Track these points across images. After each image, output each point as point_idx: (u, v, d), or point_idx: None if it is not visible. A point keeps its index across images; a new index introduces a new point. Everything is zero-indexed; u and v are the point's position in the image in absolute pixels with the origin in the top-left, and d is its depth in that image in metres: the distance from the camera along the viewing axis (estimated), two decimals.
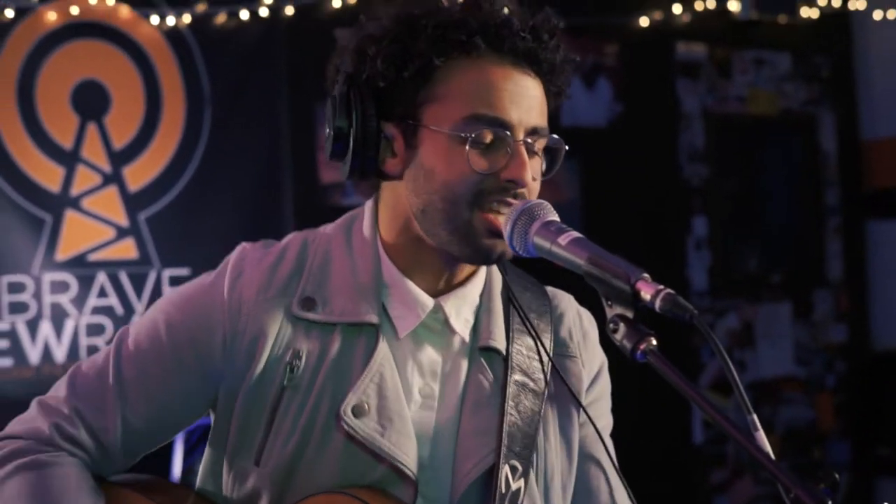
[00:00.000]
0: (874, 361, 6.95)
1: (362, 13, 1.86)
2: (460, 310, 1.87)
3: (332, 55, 1.88)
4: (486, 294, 1.90)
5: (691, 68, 6.40)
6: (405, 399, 1.80)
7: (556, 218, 1.70)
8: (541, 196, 1.80)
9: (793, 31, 6.61)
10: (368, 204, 1.90)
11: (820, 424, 6.83)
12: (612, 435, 2.00)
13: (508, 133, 1.74)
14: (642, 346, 1.49)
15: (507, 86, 1.76)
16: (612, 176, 5.90)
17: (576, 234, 1.66)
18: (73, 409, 1.82)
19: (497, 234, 1.74)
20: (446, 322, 1.86)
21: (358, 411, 1.76)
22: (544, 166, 1.84)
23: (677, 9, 6.21)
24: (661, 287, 1.49)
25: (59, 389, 1.86)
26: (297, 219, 5.03)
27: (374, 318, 1.80)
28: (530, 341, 1.91)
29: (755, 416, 1.43)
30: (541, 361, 1.90)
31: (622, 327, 1.52)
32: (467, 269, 1.88)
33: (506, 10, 1.79)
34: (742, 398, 1.42)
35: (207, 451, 1.90)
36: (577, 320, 2.00)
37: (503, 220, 1.73)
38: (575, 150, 1.86)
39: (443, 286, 1.86)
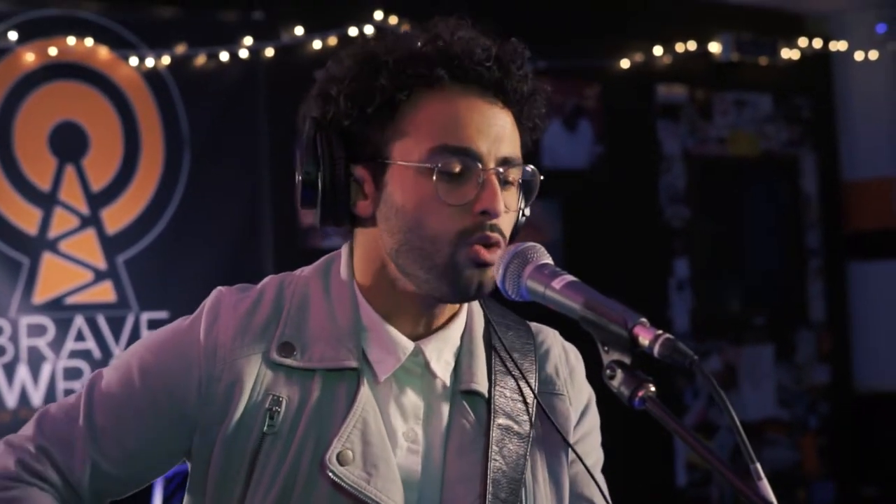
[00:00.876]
0: (857, 402, 6.96)
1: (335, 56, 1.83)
2: (441, 353, 1.83)
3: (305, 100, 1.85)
4: (467, 335, 1.87)
5: (672, 110, 6.42)
6: (390, 444, 1.76)
7: (549, 261, 1.67)
8: (521, 238, 1.76)
9: (774, 73, 6.65)
10: (344, 247, 1.87)
11: (804, 466, 6.82)
12: (602, 471, 1.96)
13: (478, 163, 1.71)
14: (640, 393, 1.46)
15: (473, 116, 1.72)
16: (593, 218, 5.90)
17: (570, 277, 1.62)
18: (39, 448, 1.78)
19: (481, 264, 1.71)
20: (427, 366, 1.82)
21: (343, 459, 1.72)
22: (522, 201, 1.80)
23: (658, 51, 6.24)
24: (660, 332, 1.45)
25: (26, 429, 1.83)
26: (277, 261, 5.01)
27: (353, 363, 1.76)
28: (514, 383, 1.87)
29: (759, 465, 1.39)
30: (525, 403, 1.86)
31: (619, 373, 1.48)
32: (447, 312, 1.84)
33: (470, 41, 1.75)
34: (746, 447, 1.39)
35: (186, 498, 1.86)
36: (563, 356, 1.96)
37: (495, 265, 1.69)
38: (556, 191, 1.82)
39: (422, 330, 1.82)
